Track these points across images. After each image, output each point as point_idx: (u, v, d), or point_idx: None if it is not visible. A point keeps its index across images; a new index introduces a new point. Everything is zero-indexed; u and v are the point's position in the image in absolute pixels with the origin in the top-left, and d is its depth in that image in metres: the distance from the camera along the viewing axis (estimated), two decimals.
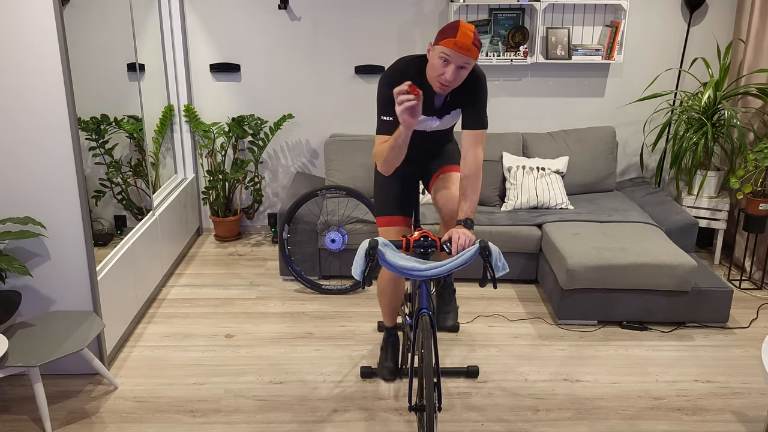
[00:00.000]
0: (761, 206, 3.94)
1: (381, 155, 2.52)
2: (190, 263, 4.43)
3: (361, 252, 2.42)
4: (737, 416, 2.90)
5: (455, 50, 2.37)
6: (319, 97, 4.66)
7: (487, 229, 3.98)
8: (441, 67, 2.42)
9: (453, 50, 2.37)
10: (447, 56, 2.39)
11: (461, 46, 2.36)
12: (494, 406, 2.94)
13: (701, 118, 4.22)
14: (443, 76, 2.42)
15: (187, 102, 4.59)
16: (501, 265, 2.45)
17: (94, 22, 3.33)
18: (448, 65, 2.41)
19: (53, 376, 3.14)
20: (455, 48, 2.37)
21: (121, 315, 3.37)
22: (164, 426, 2.81)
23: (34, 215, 2.91)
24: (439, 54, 2.41)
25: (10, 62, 2.72)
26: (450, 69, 2.40)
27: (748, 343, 3.48)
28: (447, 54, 2.39)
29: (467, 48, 2.37)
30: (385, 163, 2.54)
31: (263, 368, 3.23)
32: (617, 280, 3.49)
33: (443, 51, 2.40)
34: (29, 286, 3.01)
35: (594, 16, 4.47)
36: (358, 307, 3.84)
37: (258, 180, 4.75)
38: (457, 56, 2.38)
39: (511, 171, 4.27)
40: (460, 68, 2.41)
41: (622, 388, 3.09)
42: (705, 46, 4.54)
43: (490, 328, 3.62)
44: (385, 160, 2.52)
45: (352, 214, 4.09)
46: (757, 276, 4.23)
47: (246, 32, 4.52)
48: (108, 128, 3.47)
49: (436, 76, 2.45)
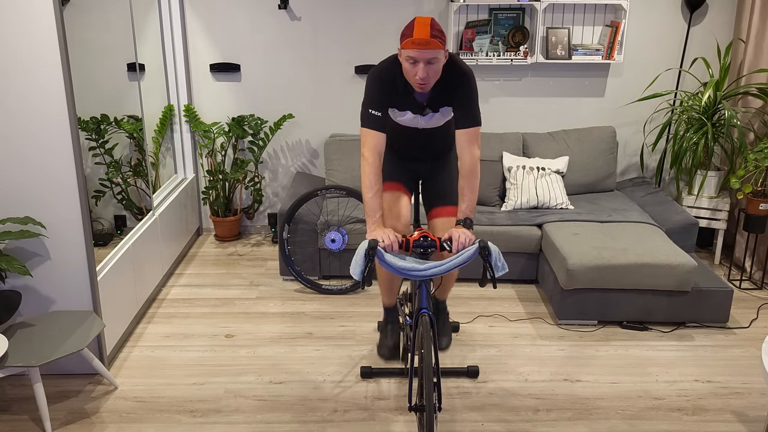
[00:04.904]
0: (761, 206, 3.93)
1: (362, 176, 2.59)
2: (190, 263, 4.43)
3: (361, 252, 2.42)
4: (737, 416, 2.90)
5: (416, 48, 2.38)
6: (319, 97, 4.66)
7: (487, 229, 3.98)
8: (411, 68, 2.44)
9: (413, 49, 2.39)
10: (412, 57, 2.41)
11: (419, 42, 2.37)
12: (494, 406, 2.94)
13: (701, 118, 4.22)
14: (416, 76, 2.44)
15: (187, 102, 4.59)
16: (501, 264, 2.45)
17: (94, 22, 3.33)
18: (416, 65, 2.43)
19: (53, 376, 3.14)
20: (414, 46, 2.38)
21: (121, 315, 3.37)
22: (164, 426, 2.81)
23: (34, 215, 2.92)
24: (405, 58, 2.44)
25: (10, 62, 2.72)
26: (419, 68, 2.42)
27: (748, 343, 3.48)
28: (410, 55, 2.41)
29: (426, 42, 2.37)
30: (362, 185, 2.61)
31: (263, 368, 3.23)
32: (617, 280, 3.49)
33: (407, 53, 2.42)
34: (29, 286, 3.01)
35: (594, 16, 4.47)
36: (358, 307, 3.84)
37: (258, 180, 4.75)
38: (420, 53, 2.39)
39: (511, 171, 4.27)
40: (429, 63, 2.42)
41: (622, 388, 3.09)
42: (705, 46, 4.54)
43: (490, 328, 3.62)
44: (363, 182, 2.59)
45: (352, 214, 4.09)
46: (757, 276, 4.23)
47: (246, 32, 4.52)
48: (108, 128, 3.47)
49: (411, 78, 2.47)
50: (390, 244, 2.44)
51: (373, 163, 2.55)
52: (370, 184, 2.54)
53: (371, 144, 2.56)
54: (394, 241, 2.45)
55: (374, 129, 2.55)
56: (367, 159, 2.56)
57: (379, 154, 2.57)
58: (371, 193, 2.54)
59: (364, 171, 2.56)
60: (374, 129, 2.55)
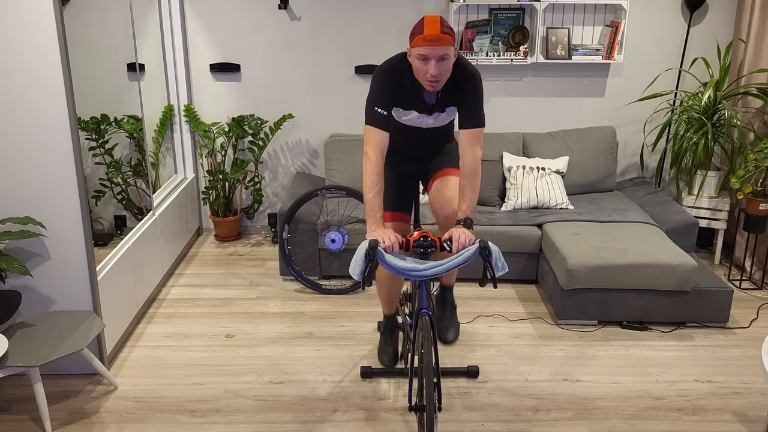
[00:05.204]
0: (761, 206, 3.93)
1: (364, 175, 2.58)
2: (190, 263, 4.43)
3: (361, 252, 2.42)
4: (737, 416, 2.90)
5: (427, 45, 2.39)
6: (319, 97, 4.66)
7: (487, 229, 3.98)
8: (422, 66, 2.44)
9: (425, 46, 2.40)
10: (423, 54, 2.41)
11: (430, 39, 2.38)
12: (494, 406, 2.94)
13: (701, 118, 4.22)
14: (428, 73, 2.44)
15: (187, 102, 4.59)
16: (501, 264, 2.45)
17: (94, 22, 3.33)
18: (428, 62, 2.43)
19: (53, 376, 3.14)
20: (426, 43, 2.39)
21: (121, 315, 3.37)
22: (164, 426, 2.81)
23: (34, 215, 2.91)
24: (416, 56, 2.44)
25: (11, 62, 2.72)
26: (431, 65, 2.42)
27: (748, 343, 3.48)
28: (422, 52, 2.41)
29: (437, 38, 2.38)
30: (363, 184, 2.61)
31: (263, 368, 3.23)
32: (617, 280, 3.49)
33: (418, 51, 2.42)
34: (29, 286, 3.01)
35: (594, 16, 4.47)
36: (358, 307, 3.84)
37: (258, 180, 4.75)
38: (432, 50, 2.40)
39: (511, 171, 4.27)
40: (440, 60, 2.43)
41: (622, 388, 3.09)
42: (705, 46, 4.54)
43: (490, 328, 3.62)
44: (364, 182, 2.58)
45: (352, 214, 4.09)
46: (757, 276, 4.23)
47: (246, 32, 4.52)
48: (108, 128, 3.47)
49: (422, 76, 2.47)
50: (390, 245, 2.44)
51: (376, 161, 2.55)
52: (372, 183, 2.54)
53: (375, 142, 2.55)
54: (395, 242, 2.45)
55: (379, 127, 2.55)
56: (370, 157, 2.55)
57: (383, 152, 2.57)
58: (372, 193, 2.54)
59: (366, 169, 2.55)
60: (379, 127, 2.55)
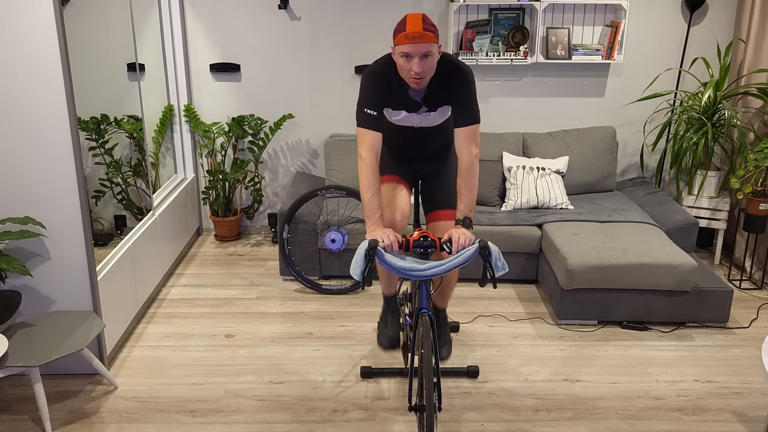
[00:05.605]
0: (761, 206, 3.93)
1: (360, 176, 2.59)
2: (190, 263, 4.43)
3: (361, 252, 2.42)
4: (737, 416, 2.90)
5: (410, 42, 2.39)
6: (319, 97, 4.66)
7: (487, 229, 3.98)
8: (406, 63, 2.45)
9: (408, 43, 2.40)
10: (406, 52, 2.42)
11: (413, 36, 2.38)
12: (494, 406, 2.94)
13: (701, 118, 4.22)
14: (411, 71, 2.44)
15: (187, 102, 4.59)
16: (501, 264, 2.45)
17: (94, 22, 3.33)
18: (411, 60, 2.43)
19: (53, 376, 3.14)
20: (408, 40, 2.39)
21: (121, 315, 3.37)
22: (164, 426, 2.81)
23: (34, 215, 2.91)
24: (399, 53, 2.45)
25: (11, 62, 2.72)
26: (414, 62, 2.43)
27: (748, 343, 3.48)
28: (405, 50, 2.42)
29: (419, 35, 2.38)
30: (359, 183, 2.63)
31: (263, 368, 3.23)
32: (617, 280, 3.49)
33: (401, 49, 2.43)
34: (29, 286, 3.01)
35: (594, 16, 4.47)
36: (358, 307, 3.84)
37: (258, 180, 4.75)
38: (414, 47, 2.40)
39: (511, 171, 4.27)
40: (424, 57, 2.43)
41: (622, 388, 3.09)
42: (705, 46, 4.54)
43: (490, 328, 3.62)
44: (360, 182, 2.60)
45: (352, 214, 4.09)
46: (757, 276, 4.23)
47: (246, 32, 4.52)
48: (108, 128, 3.47)
49: (406, 74, 2.47)
50: (390, 245, 2.44)
51: (370, 163, 2.56)
52: (368, 184, 2.55)
53: (368, 143, 2.56)
54: (394, 241, 2.45)
55: (370, 128, 2.56)
56: (364, 159, 2.56)
57: (376, 153, 2.57)
58: (369, 193, 2.54)
59: (361, 171, 2.56)
60: (370, 128, 2.56)
